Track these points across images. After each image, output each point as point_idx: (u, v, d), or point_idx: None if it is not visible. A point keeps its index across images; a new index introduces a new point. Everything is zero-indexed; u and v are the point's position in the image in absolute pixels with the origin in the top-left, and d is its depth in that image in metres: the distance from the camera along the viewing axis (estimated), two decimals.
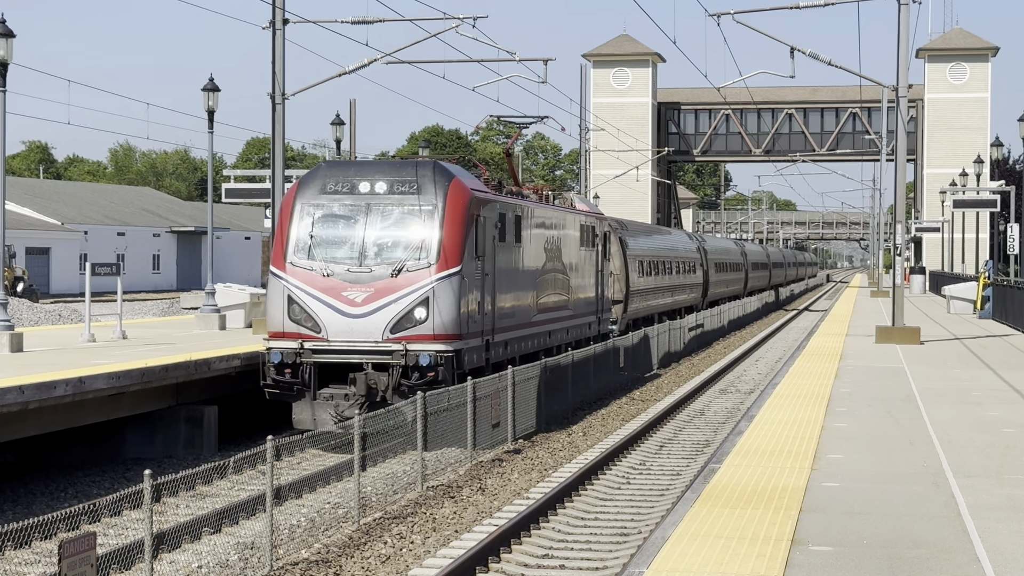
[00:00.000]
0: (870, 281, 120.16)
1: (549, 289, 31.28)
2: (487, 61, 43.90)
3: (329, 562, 15.23)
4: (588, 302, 36.08)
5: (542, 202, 32.00)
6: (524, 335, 29.18)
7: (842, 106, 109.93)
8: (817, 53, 38.65)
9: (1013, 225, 60.41)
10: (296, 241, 24.86)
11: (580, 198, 38.49)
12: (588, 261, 36.09)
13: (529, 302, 29.48)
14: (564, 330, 33.10)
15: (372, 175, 25.14)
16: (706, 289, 66.32)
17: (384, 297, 24.13)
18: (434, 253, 24.28)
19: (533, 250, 30.00)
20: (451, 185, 24.88)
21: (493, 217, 26.49)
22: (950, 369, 28.84)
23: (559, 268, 32.35)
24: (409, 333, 23.99)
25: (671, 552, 11.21)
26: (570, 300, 33.54)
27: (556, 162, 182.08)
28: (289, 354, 24.26)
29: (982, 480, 14.82)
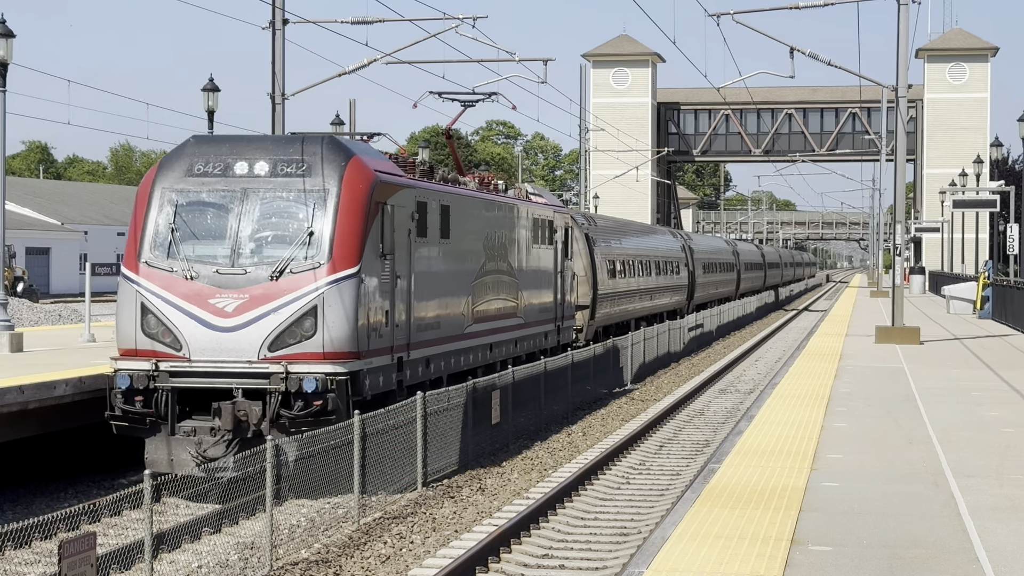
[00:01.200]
0: (870, 281, 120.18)
1: (490, 294, 26.80)
2: (487, 61, 43.94)
3: (329, 562, 15.24)
4: (544, 308, 31.52)
5: (486, 191, 27.77)
6: (454, 350, 24.60)
7: (842, 106, 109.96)
8: (817, 53, 38.67)
9: (1013, 225, 60.41)
10: (153, 236, 20.26)
11: (538, 188, 33.55)
12: (544, 261, 31.49)
13: (461, 310, 25.00)
14: (511, 342, 28.66)
15: (251, 153, 20.57)
16: (692, 291, 61.79)
17: (261, 306, 19.53)
18: (325, 250, 19.78)
19: (467, 247, 25.45)
20: (349, 165, 20.34)
21: (408, 206, 21.95)
22: (950, 369, 28.84)
23: (504, 269, 27.86)
24: (292, 351, 19.42)
25: (671, 552, 11.22)
26: (519, 307, 29.08)
27: (556, 162, 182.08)
28: (140, 377, 19.52)
29: (982, 480, 14.82)
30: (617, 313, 44.88)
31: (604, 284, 42.28)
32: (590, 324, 40.47)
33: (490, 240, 26.96)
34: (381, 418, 19.04)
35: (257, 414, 19.19)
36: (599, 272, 41.62)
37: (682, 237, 62.71)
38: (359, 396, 19.70)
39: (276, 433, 18.49)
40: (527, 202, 30.46)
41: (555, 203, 33.93)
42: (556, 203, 34.14)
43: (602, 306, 42.01)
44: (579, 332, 38.75)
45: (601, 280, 41.82)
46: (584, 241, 40.60)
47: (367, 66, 36.30)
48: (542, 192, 33.40)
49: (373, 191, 20.45)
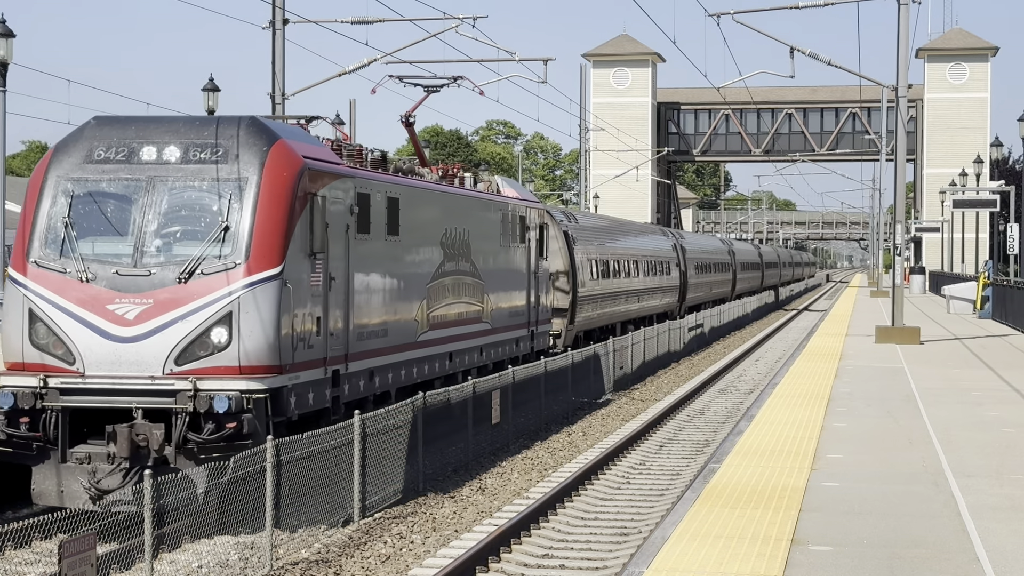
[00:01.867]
0: (870, 281, 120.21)
1: (449, 297, 24.28)
2: (487, 61, 43.92)
3: (329, 562, 15.24)
4: (515, 312, 28.81)
5: (448, 183, 25.47)
6: (404, 360, 22.00)
7: (842, 106, 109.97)
8: (817, 53, 38.69)
9: (1013, 225, 60.42)
10: (44, 232, 17.61)
11: (510, 182, 30.67)
12: (514, 260, 28.86)
13: (413, 315, 22.40)
14: (475, 350, 26.09)
15: (160, 136, 17.91)
16: (684, 292, 59.08)
17: (167, 312, 16.92)
18: (242, 248, 17.23)
19: (421, 245, 22.91)
20: (272, 150, 17.76)
21: (346, 198, 19.43)
22: (950, 369, 28.85)
23: (467, 269, 25.29)
24: (203, 365, 16.86)
25: (671, 552, 11.22)
26: (485, 311, 26.54)
27: (556, 162, 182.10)
28: (26, 396, 16.80)
29: (982, 480, 14.83)
30: (600, 316, 42.29)
31: (585, 286, 39.59)
32: (569, 329, 37.85)
33: (450, 237, 24.34)
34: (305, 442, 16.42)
35: (159, 438, 16.47)
36: (580, 273, 38.98)
37: (673, 236, 60.10)
38: (282, 416, 17.25)
39: (182, 460, 16.37)
40: (495, 197, 27.85)
41: (529, 198, 31.32)
42: (530, 198, 31.55)
43: (583, 309, 39.32)
44: (557, 338, 36.23)
45: (582, 281, 39.11)
46: (563, 239, 37.88)
47: (367, 66, 36.31)
48: (515, 186, 30.79)
49: (300, 180, 17.89)
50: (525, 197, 30.92)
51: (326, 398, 18.70)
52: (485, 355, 26.72)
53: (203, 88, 38.57)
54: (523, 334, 29.73)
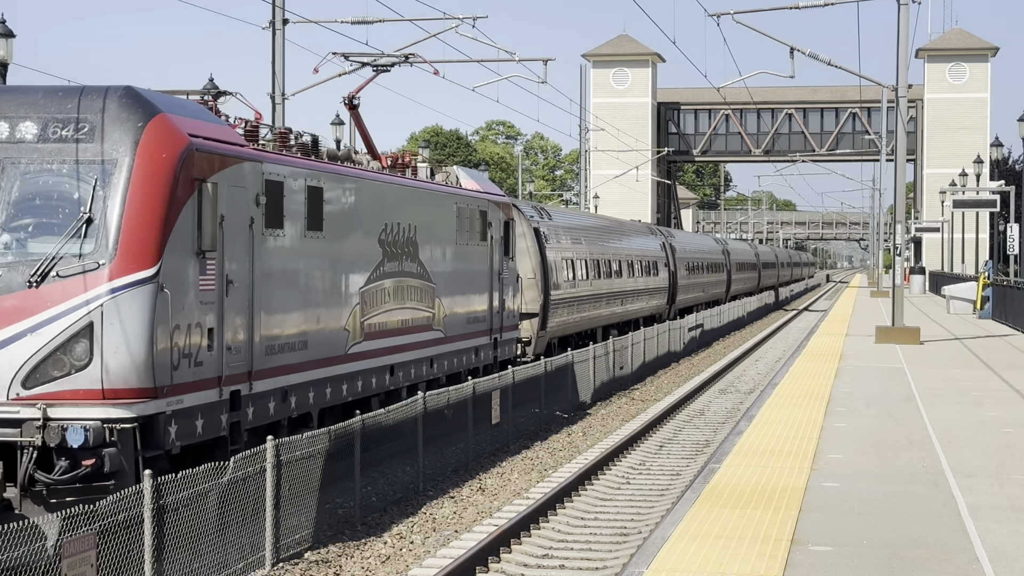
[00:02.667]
0: (870, 281, 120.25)
1: (390, 302, 21.40)
2: (487, 61, 44.00)
3: (329, 562, 15.24)
4: (474, 319, 25.98)
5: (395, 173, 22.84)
6: (330, 377, 19.04)
7: (842, 106, 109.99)
8: (817, 53, 38.71)
9: (1013, 225, 60.45)
10: None
11: (470, 173, 27.92)
12: (474, 260, 26.06)
13: (342, 323, 19.41)
14: (424, 362, 23.10)
15: (14, 110, 14.90)
16: (673, 294, 56.05)
17: (14, 323, 13.97)
18: (108, 245, 14.21)
19: (353, 243, 19.93)
20: (149, 127, 14.73)
21: (251, 186, 16.37)
22: (950, 369, 28.85)
23: (413, 270, 22.44)
24: (57, 388, 13.86)
25: (671, 552, 11.22)
26: (437, 317, 23.65)
27: (556, 162, 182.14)
28: None
29: (982, 480, 14.83)
30: (578, 321, 39.22)
31: (559, 288, 36.54)
32: (541, 335, 34.58)
33: (392, 234, 21.42)
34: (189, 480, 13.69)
35: None
36: (553, 274, 35.82)
37: (662, 235, 56.93)
38: (157, 450, 14.29)
39: (29, 505, 13.46)
40: (450, 189, 25.06)
41: (492, 191, 28.27)
42: (494, 191, 28.48)
43: (557, 313, 36.20)
44: (527, 345, 33.41)
45: (555, 283, 36.00)
46: (533, 237, 34.60)
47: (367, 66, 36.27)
48: (477, 178, 28.03)
49: (184, 162, 14.83)
50: (488, 190, 27.79)
51: (222, 425, 15.77)
52: (436, 367, 23.71)
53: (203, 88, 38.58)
54: (484, 342, 26.74)
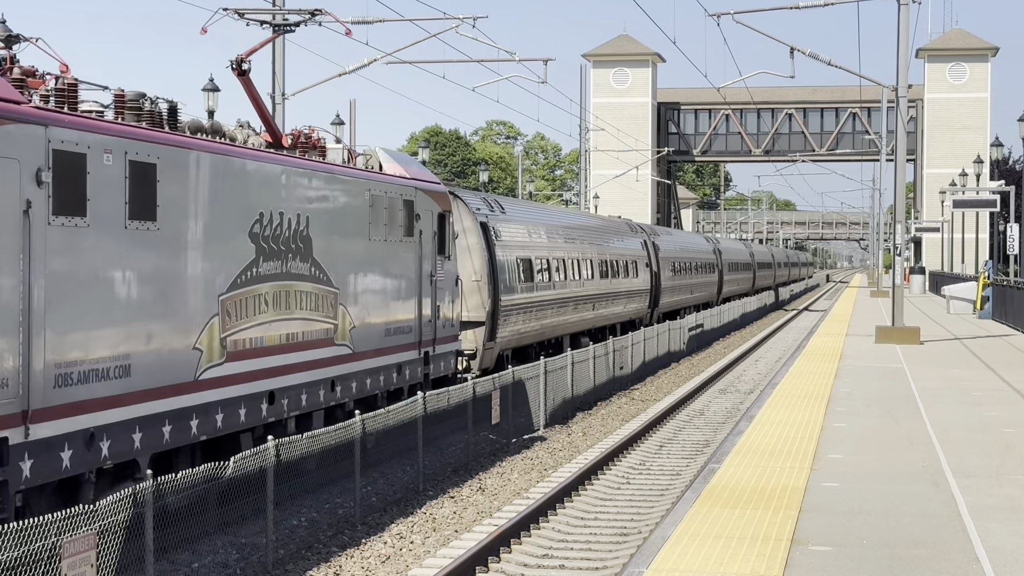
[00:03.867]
0: (870, 281, 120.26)
1: (268, 312, 17.34)
2: (487, 61, 44.03)
3: (329, 562, 15.24)
4: (395, 329, 22.04)
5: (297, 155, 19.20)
6: (169, 411, 15.01)
7: (842, 106, 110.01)
8: (817, 53, 38.72)
9: (1013, 225, 60.47)
10: None
11: (396, 156, 23.66)
12: (395, 259, 22.03)
13: (191, 341, 15.46)
14: (321, 385, 19.00)
15: None
16: (656, 297, 51.95)
17: None
18: None
19: (205, 238, 15.82)
20: None
21: (24, 159, 12.62)
22: (950, 369, 28.86)
23: (304, 272, 18.42)
24: None
25: (671, 552, 11.22)
26: (341, 329, 19.66)
27: (556, 162, 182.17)
28: None
29: (982, 480, 14.83)
30: (538, 329, 34.35)
31: (513, 291, 31.71)
32: (489, 347, 29.97)
33: (271, 227, 17.48)
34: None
35: None
36: (504, 275, 31.14)
37: (644, 232, 52.43)
38: None
39: None
40: (362, 174, 20.88)
41: (424, 178, 24.02)
42: (426, 178, 24.22)
43: (510, 321, 31.42)
44: (472, 358, 29.01)
45: (508, 285, 31.30)
46: (479, 233, 29.96)
47: (367, 66, 36.33)
48: (406, 162, 23.85)
49: None
50: (418, 176, 23.63)
51: None
52: (341, 390, 19.74)
53: (203, 88, 38.59)
54: (411, 357, 22.72)
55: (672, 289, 55.25)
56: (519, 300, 32.22)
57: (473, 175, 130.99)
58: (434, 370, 23.98)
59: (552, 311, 35.59)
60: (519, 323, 32.32)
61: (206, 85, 38.49)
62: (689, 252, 61.27)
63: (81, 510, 11.65)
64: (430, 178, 24.58)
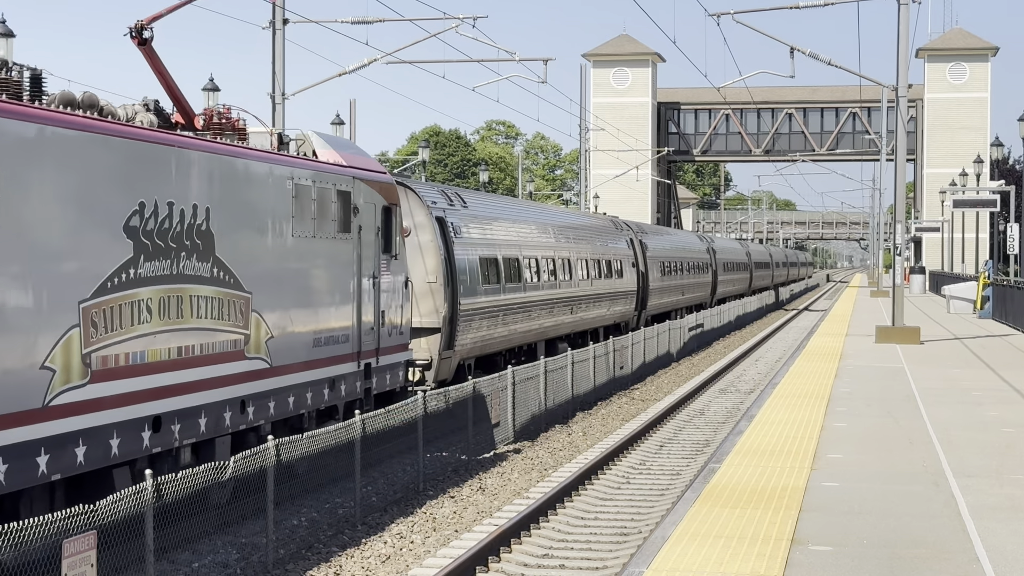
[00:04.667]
0: (870, 281, 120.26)
1: (150, 322, 14.62)
2: (487, 61, 44.04)
3: (329, 562, 15.24)
4: (327, 339, 19.28)
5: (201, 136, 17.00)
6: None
7: (842, 106, 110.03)
8: (817, 53, 38.73)
9: (1013, 225, 60.47)
10: None
11: (333, 140, 21.01)
12: (326, 259, 19.32)
13: (37, 359, 12.70)
14: (228, 408, 16.31)
15: None
16: (644, 299, 48.77)
17: None
18: None
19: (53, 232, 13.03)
20: None
21: None
22: (950, 369, 28.86)
23: (204, 274, 15.71)
24: None
25: (671, 552, 11.22)
26: (255, 340, 17.00)
27: (556, 162, 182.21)
28: None
29: (982, 480, 14.83)
30: (504, 336, 31.16)
31: (476, 294, 28.73)
32: (446, 357, 26.93)
33: (158, 220, 14.83)
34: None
35: None
36: (464, 276, 28.12)
37: (630, 230, 49.23)
38: None
39: None
40: (283, 158, 18.13)
41: (366, 166, 21.27)
42: (369, 167, 21.45)
43: (471, 327, 28.41)
44: (426, 369, 26.32)
45: (469, 287, 28.31)
46: (435, 230, 26.95)
47: (367, 66, 36.34)
48: (344, 148, 21.15)
49: None
50: (358, 164, 20.88)
51: None
52: (255, 411, 17.02)
53: (203, 88, 38.59)
54: (348, 370, 20.00)
55: (661, 290, 52.53)
56: (482, 304, 29.05)
57: (473, 175, 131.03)
58: (378, 384, 21.13)
59: (523, 315, 32.36)
60: (483, 329, 29.10)
61: (206, 85, 38.47)
62: (680, 251, 58.49)
63: (81, 510, 11.65)
64: (374, 167, 21.65)
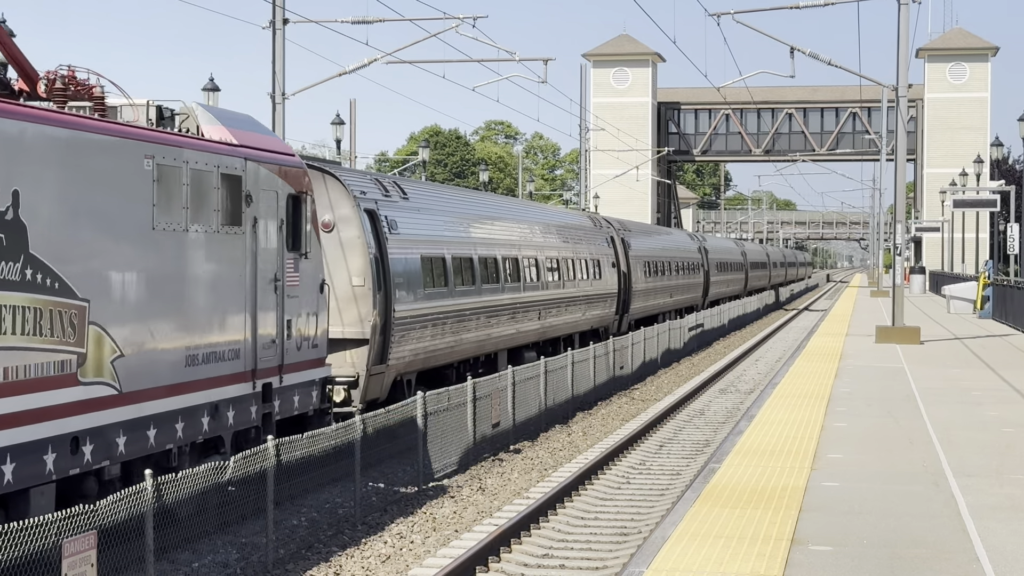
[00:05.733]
0: (870, 281, 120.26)
1: None
2: (487, 61, 44.09)
3: (329, 562, 15.24)
4: (207, 355, 15.80)
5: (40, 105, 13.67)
6: None
7: (842, 106, 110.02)
8: (817, 53, 38.74)
9: (1013, 225, 60.47)
10: None
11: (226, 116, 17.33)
12: (205, 256, 15.87)
13: None
14: (53, 447, 12.78)
15: None
16: (626, 302, 44.90)
17: None
18: None
19: None
20: None
21: None
22: (950, 369, 28.86)
23: (9, 276, 12.32)
24: None
25: (671, 552, 11.22)
26: (94, 360, 13.54)
27: (556, 162, 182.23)
28: None
29: (982, 480, 14.84)
30: (453, 346, 27.04)
31: (415, 298, 24.83)
32: (378, 372, 23.17)
33: None
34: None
35: None
36: (401, 278, 24.24)
37: (610, 227, 45.20)
38: None
39: None
40: (137, 132, 14.72)
41: (265, 146, 17.61)
42: (269, 147, 17.74)
43: (410, 337, 24.46)
44: (352, 387, 22.38)
45: (408, 291, 24.52)
46: (363, 225, 23.12)
47: (367, 66, 36.34)
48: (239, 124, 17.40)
49: None
50: (254, 144, 17.26)
51: None
52: (94, 451, 13.51)
53: (203, 88, 38.59)
54: (237, 392, 16.47)
55: (646, 292, 48.66)
56: (425, 310, 25.26)
57: (473, 175, 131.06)
58: (282, 407, 17.68)
59: (477, 323, 28.49)
60: (425, 339, 25.28)
61: (206, 85, 38.48)
62: (668, 251, 54.84)
63: (81, 510, 11.66)
64: (278, 148, 18.19)
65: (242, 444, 16.64)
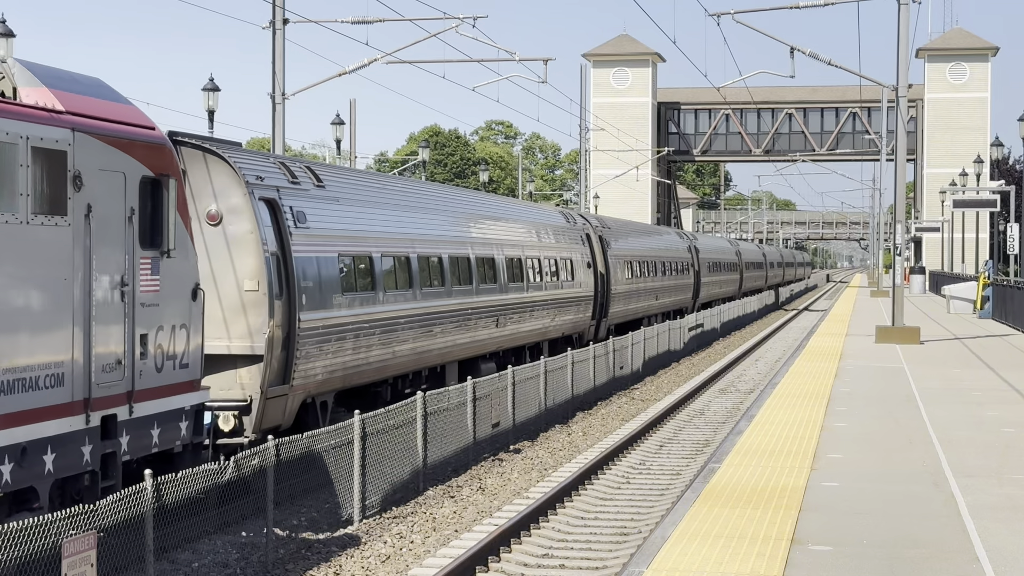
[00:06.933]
0: (870, 281, 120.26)
1: None
2: (487, 61, 44.08)
3: (329, 562, 15.24)
4: (7, 381, 11.78)
5: None
6: None
7: (842, 106, 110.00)
8: (817, 53, 38.74)
9: (1013, 225, 60.47)
10: None
11: (56, 74, 13.58)
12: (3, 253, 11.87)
13: None
14: None
15: None
16: (604, 305, 41.25)
17: None
18: None
19: None
20: None
21: None
22: (950, 369, 28.85)
23: None
24: None
25: (671, 552, 11.22)
26: None
27: (556, 162, 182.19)
28: None
29: (982, 480, 14.84)
30: (383, 360, 23.06)
31: (328, 305, 20.74)
32: (277, 394, 19.17)
33: None
34: None
35: None
36: (308, 281, 20.22)
37: (588, 224, 41.29)
38: None
39: None
40: None
41: (107, 115, 13.87)
42: (113, 116, 13.97)
43: (322, 352, 20.46)
44: (244, 414, 18.55)
45: (317, 296, 20.42)
46: (254, 217, 18.99)
47: (367, 66, 36.34)
48: (76, 87, 13.78)
49: None
50: (90, 111, 13.51)
51: None
52: None
53: (203, 88, 38.60)
54: (58, 430, 12.61)
55: (627, 295, 44.63)
56: (343, 319, 21.23)
57: (473, 175, 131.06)
58: (132, 445, 13.88)
59: (414, 332, 24.38)
60: (345, 353, 21.31)
61: (206, 85, 38.48)
62: (653, 250, 50.77)
63: (81, 510, 11.65)
64: (131, 118, 14.32)
65: (73, 496, 13.03)
